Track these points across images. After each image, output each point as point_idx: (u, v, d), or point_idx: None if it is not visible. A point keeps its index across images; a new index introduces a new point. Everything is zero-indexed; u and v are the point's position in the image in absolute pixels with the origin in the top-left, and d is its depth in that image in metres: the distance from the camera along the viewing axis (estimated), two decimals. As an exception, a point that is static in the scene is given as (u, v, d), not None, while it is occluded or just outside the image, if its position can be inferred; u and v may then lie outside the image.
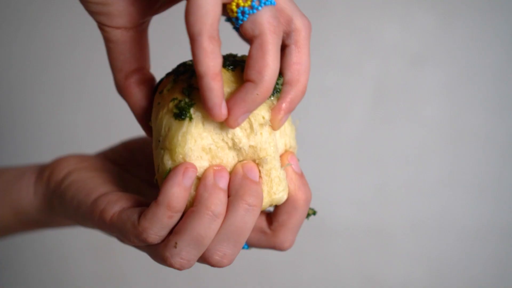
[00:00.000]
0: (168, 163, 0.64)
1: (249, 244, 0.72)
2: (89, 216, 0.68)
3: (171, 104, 0.66)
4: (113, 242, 1.61)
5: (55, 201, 0.75)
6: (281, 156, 0.69)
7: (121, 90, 0.72)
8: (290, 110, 0.67)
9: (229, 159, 0.65)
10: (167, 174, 0.63)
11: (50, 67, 1.60)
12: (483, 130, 1.53)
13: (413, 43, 1.52)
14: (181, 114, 0.65)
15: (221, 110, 0.63)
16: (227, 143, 0.65)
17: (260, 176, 0.66)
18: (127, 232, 0.65)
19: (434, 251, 1.57)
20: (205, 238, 0.63)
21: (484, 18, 1.51)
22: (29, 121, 1.62)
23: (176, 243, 0.63)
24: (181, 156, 0.63)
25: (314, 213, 0.73)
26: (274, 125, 0.67)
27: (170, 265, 0.64)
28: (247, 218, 0.63)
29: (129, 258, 1.61)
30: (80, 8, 0.72)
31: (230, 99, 0.64)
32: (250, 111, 0.64)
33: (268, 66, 0.62)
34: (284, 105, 0.66)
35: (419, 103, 1.54)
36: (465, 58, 1.52)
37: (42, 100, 1.61)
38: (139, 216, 0.64)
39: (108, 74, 0.85)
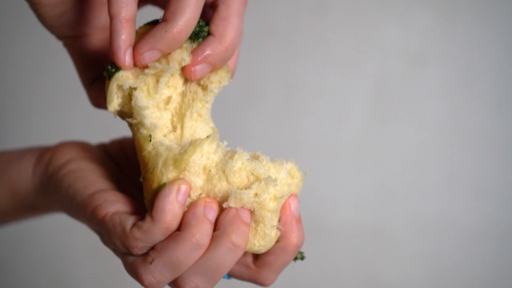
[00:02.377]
0: (170, 169, 0.63)
1: (231, 275, 0.71)
2: (83, 208, 0.68)
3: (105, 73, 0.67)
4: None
5: (51, 186, 0.74)
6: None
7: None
8: (208, 62, 0.66)
9: (221, 190, 0.64)
10: (161, 189, 0.62)
11: (49, 65, 1.60)
12: (483, 130, 1.53)
13: (413, 43, 1.52)
14: (109, 74, 0.65)
15: (125, 55, 0.63)
16: (226, 176, 0.64)
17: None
18: (114, 235, 0.64)
19: (434, 251, 1.57)
20: (182, 264, 0.62)
21: (484, 18, 1.51)
22: (28, 119, 1.62)
23: (153, 259, 0.62)
24: (184, 164, 0.63)
25: (302, 258, 0.71)
26: (187, 73, 0.66)
27: (140, 280, 0.63)
28: (228, 257, 0.62)
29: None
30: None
31: (140, 39, 0.64)
32: (158, 48, 0.64)
33: (183, 8, 0.62)
34: (200, 52, 0.65)
35: (419, 103, 1.54)
36: (465, 58, 1.52)
37: (41, 98, 1.61)
38: (133, 225, 0.63)
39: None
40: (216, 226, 0.63)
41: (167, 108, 0.69)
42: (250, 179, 0.64)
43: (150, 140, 0.66)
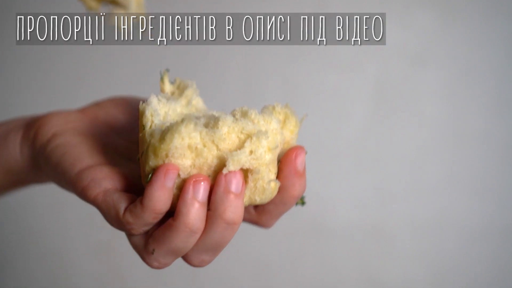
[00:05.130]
0: (151, 157, 0.62)
1: None
2: (73, 187, 0.67)
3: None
4: (113, 242, 1.61)
5: (42, 162, 0.72)
6: (289, 150, 0.66)
7: None
8: None
9: (214, 160, 0.62)
10: (150, 178, 0.62)
11: (49, 64, 1.60)
12: (483, 130, 1.53)
13: (413, 43, 1.52)
14: None
15: None
16: (216, 145, 0.62)
17: (246, 182, 0.63)
18: (110, 217, 0.64)
19: (434, 251, 1.57)
20: (182, 249, 0.63)
21: (484, 18, 1.51)
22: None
23: (154, 249, 0.63)
24: (164, 152, 0.61)
25: (303, 203, 0.71)
26: None
27: (147, 264, 0.65)
28: (226, 234, 0.62)
29: (129, 258, 1.61)
30: (79, 7, 0.72)
31: None
32: None
33: None
34: None
35: (419, 103, 1.54)
36: (465, 58, 1.52)
37: (38, 99, 1.61)
38: (125, 209, 0.63)
39: (107, 73, 0.85)
40: (210, 202, 0.63)
41: None
42: (241, 138, 0.63)
43: (144, 129, 0.64)
